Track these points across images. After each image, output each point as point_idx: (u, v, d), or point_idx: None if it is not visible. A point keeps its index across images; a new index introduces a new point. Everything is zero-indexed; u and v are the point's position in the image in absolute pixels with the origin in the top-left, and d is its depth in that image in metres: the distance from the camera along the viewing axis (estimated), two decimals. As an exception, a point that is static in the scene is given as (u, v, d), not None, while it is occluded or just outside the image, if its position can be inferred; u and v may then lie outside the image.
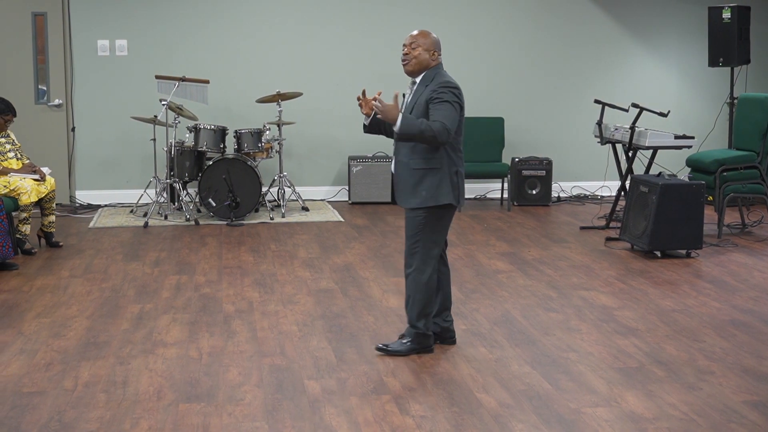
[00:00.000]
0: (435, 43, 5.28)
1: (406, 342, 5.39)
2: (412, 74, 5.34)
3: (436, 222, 5.30)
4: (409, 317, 5.40)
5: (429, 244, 5.30)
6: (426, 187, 5.22)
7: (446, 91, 5.16)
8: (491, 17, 11.19)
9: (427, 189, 5.22)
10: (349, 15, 10.95)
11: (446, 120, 5.09)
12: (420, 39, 5.26)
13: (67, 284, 7.05)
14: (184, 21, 10.70)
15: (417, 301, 5.33)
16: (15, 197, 7.93)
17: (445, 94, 5.15)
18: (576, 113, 11.36)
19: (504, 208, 10.62)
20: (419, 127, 5.07)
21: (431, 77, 5.27)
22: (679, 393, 4.81)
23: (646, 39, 11.51)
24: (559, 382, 4.97)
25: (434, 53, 5.28)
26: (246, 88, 10.68)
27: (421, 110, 5.20)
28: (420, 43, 5.26)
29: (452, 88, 5.18)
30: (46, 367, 5.19)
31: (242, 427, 4.37)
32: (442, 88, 5.17)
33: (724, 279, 7.24)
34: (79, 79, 10.63)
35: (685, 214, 7.86)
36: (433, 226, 5.29)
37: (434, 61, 5.29)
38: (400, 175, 5.33)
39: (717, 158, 8.91)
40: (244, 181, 9.50)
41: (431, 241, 5.30)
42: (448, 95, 5.16)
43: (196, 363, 5.25)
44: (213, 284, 7.05)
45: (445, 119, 5.09)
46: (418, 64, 5.28)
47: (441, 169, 5.21)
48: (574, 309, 6.39)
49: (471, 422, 4.43)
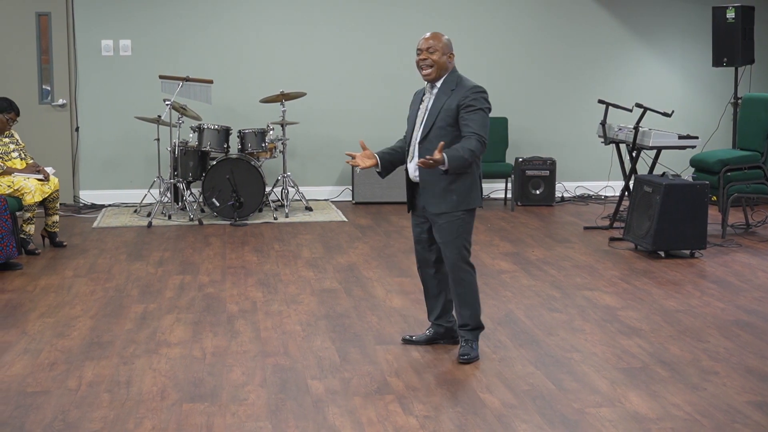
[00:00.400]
0: (449, 45, 5.25)
1: (474, 346, 5.34)
2: (432, 81, 5.26)
3: (469, 223, 5.30)
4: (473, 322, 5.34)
5: (466, 245, 5.31)
6: (458, 191, 5.18)
7: (478, 97, 5.14)
8: (495, 17, 11.19)
9: (458, 193, 5.19)
10: (353, 15, 10.95)
11: (481, 130, 5.08)
12: (436, 43, 5.20)
13: (71, 284, 7.06)
14: (188, 21, 10.71)
15: (473, 301, 5.35)
16: (19, 197, 7.94)
17: (477, 101, 5.13)
18: (580, 113, 11.36)
19: (507, 208, 10.61)
20: (464, 156, 5.02)
21: (454, 81, 5.22)
22: (682, 393, 4.81)
23: (649, 39, 11.50)
24: (562, 382, 4.97)
25: (450, 55, 5.25)
26: (250, 88, 10.68)
27: (451, 115, 5.14)
28: (437, 47, 5.20)
29: (482, 93, 5.16)
30: (50, 366, 5.19)
31: (246, 427, 4.37)
32: (473, 94, 5.14)
33: (728, 279, 7.23)
34: (83, 79, 10.64)
35: (689, 214, 7.85)
36: (467, 228, 5.30)
37: (451, 64, 5.26)
38: (426, 180, 5.24)
39: (721, 158, 8.90)
40: (247, 181, 9.51)
41: (467, 242, 5.31)
42: (480, 102, 5.14)
43: (200, 363, 5.26)
44: (217, 284, 7.05)
45: (479, 130, 5.08)
46: (438, 70, 5.22)
47: (472, 174, 5.21)
48: (577, 309, 6.39)
49: (474, 422, 4.43)
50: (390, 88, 10.97)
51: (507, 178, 10.71)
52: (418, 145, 5.25)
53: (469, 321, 5.34)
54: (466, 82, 5.22)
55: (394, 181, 10.59)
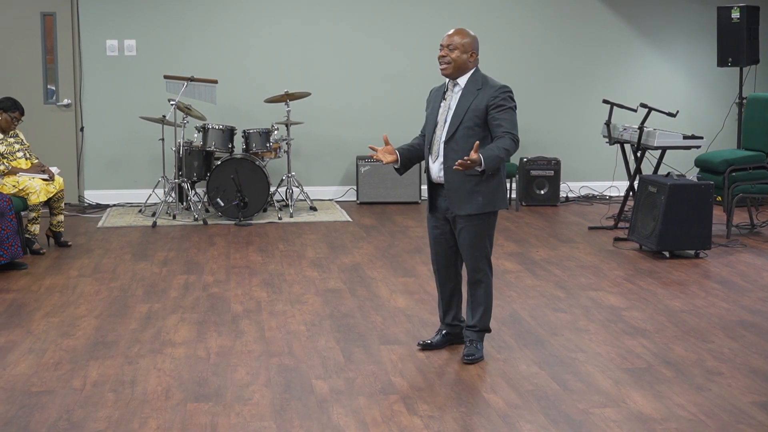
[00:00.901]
0: (472, 44, 5.17)
1: (480, 347, 5.35)
2: (450, 77, 5.20)
3: (493, 226, 5.28)
4: (481, 324, 5.35)
5: (490, 248, 5.29)
6: (483, 192, 5.14)
7: (507, 97, 5.12)
8: (499, 17, 11.18)
9: (483, 195, 5.14)
10: (358, 15, 10.95)
11: (513, 129, 5.07)
12: (457, 39, 5.14)
13: (75, 284, 7.06)
14: (193, 21, 10.72)
15: (490, 305, 5.36)
16: (24, 197, 7.95)
17: (506, 100, 5.11)
18: (584, 113, 11.35)
19: (512, 208, 10.61)
20: (500, 156, 5.00)
21: (479, 80, 5.17)
22: (687, 394, 4.80)
23: (654, 39, 11.49)
24: (567, 382, 4.97)
25: (472, 54, 5.16)
26: (254, 88, 10.69)
27: (480, 116, 5.09)
28: (457, 44, 5.14)
29: (510, 92, 5.15)
30: (55, 366, 5.20)
31: (250, 427, 4.37)
32: (502, 94, 5.11)
33: (732, 279, 7.22)
34: (88, 79, 10.65)
35: (694, 214, 7.84)
36: (491, 230, 5.28)
37: (473, 63, 5.19)
38: (452, 182, 5.17)
39: (726, 158, 8.89)
40: (252, 180, 9.51)
41: (490, 244, 5.29)
42: (509, 101, 5.12)
43: (204, 363, 5.26)
44: (221, 284, 7.06)
45: (512, 129, 5.06)
46: (456, 68, 5.16)
47: (497, 175, 5.16)
48: (582, 309, 6.38)
49: (479, 422, 4.43)
50: (395, 88, 10.97)
51: (511, 178, 10.69)
52: (444, 145, 5.17)
53: (478, 323, 5.34)
54: (492, 81, 5.17)
55: (399, 181, 10.65)
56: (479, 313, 5.32)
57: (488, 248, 5.28)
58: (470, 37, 5.18)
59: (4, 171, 7.96)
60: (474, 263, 5.26)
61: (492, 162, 4.97)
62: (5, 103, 8.10)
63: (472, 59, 5.18)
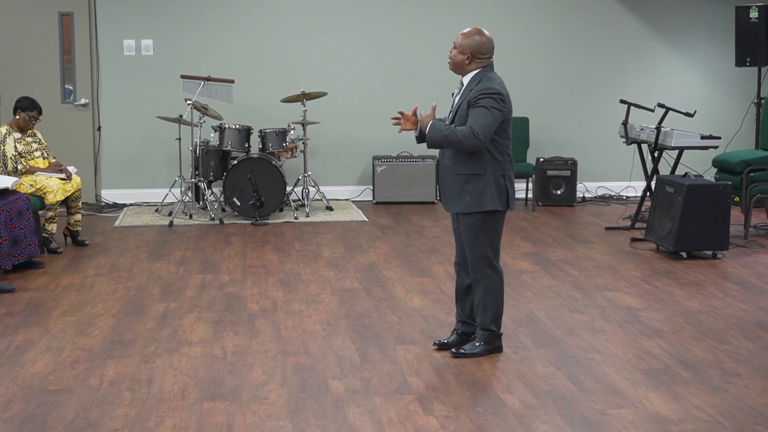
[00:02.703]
0: (470, 47, 5.20)
1: (479, 344, 5.39)
2: (454, 72, 5.33)
3: (491, 226, 5.28)
4: (480, 321, 5.37)
5: (487, 248, 5.29)
6: (470, 192, 5.20)
7: (485, 96, 5.11)
8: (516, 18, 11.16)
9: (471, 194, 5.20)
10: (374, 14, 10.95)
11: (476, 124, 5.07)
12: (459, 40, 5.24)
13: (92, 283, 7.09)
14: (210, 21, 10.74)
15: (490, 304, 5.34)
16: (41, 196, 7.99)
17: (483, 99, 5.11)
18: (601, 113, 11.32)
19: (528, 208, 10.59)
20: (443, 133, 5.09)
21: (477, 80, 5.20)
22: (704, 395, 4.78)
23: (672, 39, 11.45)
24: (583, 383, 4.95)
25: (468, 57, 5.20)
26: (271, 88, 10.70)
27: (464, 113, 5.17)
28: (458, 44, 5.24)
29: (492, 94, 5.11)
30: (72, 365, 5.22)
31: (266, 426, 4.38)
32: (481, 94, 5.12)
33: (750, 280, 7.19)
34: (105, 78, 10.69)
35: (711, 214, 7.81)
36: (488, 231, 5.28)
37: (470, 65, 5.22)
38: (444, 180, 5.33)
39: (744, 159, 8.85)
40: (268, 180, 9.53)
41: (489, 245, 5.29)
42: (486, 101, 5.10)
43: (221, 362, 5.27)
44: (237, 283, 7.07)
45: (474, 123, 5.07)
46: (453, 66, 5.28)
47: (485, 175, 5.20)
48: (598, 310, 6.37)
49: (495, 423, 4.42)
50: (411, 88, 10.97)
51: (528, 178, 10.68)
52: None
53: (478, 320, 5.39)
54: (486, 82, 5.17)
55: (415, 181, 10.65)
56: (479, 312, 5.36)
57: (485, 249, 5.28)
58: (471, 39, 5.21)
59: (21, 170, 8.00)
60: (472, 262, 5.31)
61: (432, 133, 5.10)
62: (23, 103, 8.14)
63: (470, 61, 5.22)
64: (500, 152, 5.22)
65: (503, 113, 5.15)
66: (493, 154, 5.20)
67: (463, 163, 5.20)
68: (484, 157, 5.17)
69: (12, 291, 6.78)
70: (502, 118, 5.15)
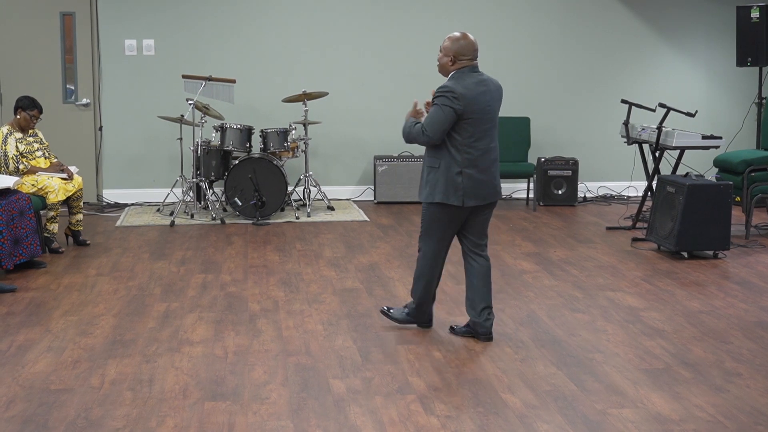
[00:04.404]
0: (454, 48, 5.43)
1: (405, 311, 5.92)
2: (442, 75, 5.55)
3: (438, 217, 5.56)
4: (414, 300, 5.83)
5: (430, 234, 5.62)
6: (430, 183, 5.51)
7: (439, 95, 5.38)
8: (517, 18, 11.16)
9: (429, 185, 5.52)
10: (375, 15, 10.95)
11: (426, 122, 5.39)
12: (444, 43, 5.49)
13: (94, 282, 7.09)
14: (211, 21, 10.75)
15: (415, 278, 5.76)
16: (43, 196, 7.99)
17: (437, 98, 5.38)
18: (602, 113, 11.32)
19: (530, 208, 10.59)
20: (407, 130, 5.51)
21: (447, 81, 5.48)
22: (705, 395, 4.78)
23: (673, 38, 11.45)
24: (584, 383, 4.95)
25: (452, 59, 5.44)
26: (272, 88, 10.71)
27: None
28: (443, 47, 5.49)
29: (445, 92, 5.36)
30: (74, 364, 5.22)
31: (267, 426, 4.38)
32: (437, 92, 5.40)
33: (751, 280, 7.19)
34: (107, 78, 10.70)
35: (713, 214, 7.81)
36: (435, 221, 5.57)
37: (453, 66, 5.45)
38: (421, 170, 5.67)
39: (745, 158, 8.84)
40: (269, 180, 9.53)
41: (432, 232, 5.61)
42: (438, 99, 5.37)
43: (222, 361, 5.27)
44: (239, 283, 7.07)
45: (425, 121, 5.41)
46: (441, 68, 5.53)
47: (438, 169, 5.47)
48: (600, 310, 6.37)
49: (496, 422, 4.42)
50: (412, 88, 10.95)
51: (529, 178, 10.68)
52: None
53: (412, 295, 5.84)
54: (447, 82, 5.44)
55: (416, 181, 10.65)
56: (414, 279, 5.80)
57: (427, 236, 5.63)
58: (456, 42, 5.45)
59: (23, 170, 8.00)
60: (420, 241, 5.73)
61: (403, 128, 5.53)
62: (24, 102, 8.14)
63: (453, 61, 5.45)
64: (458, 150, 5.42)
65: (456, 110, 5.33)
66: (450, 150, 5.42)
67: (429, 155, 5.54)
68: (442, 152, 5.44)
69: (14, 291, 6.78)
70: (457, 116, 5.34)
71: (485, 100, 5.38)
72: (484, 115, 5.39)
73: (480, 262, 5.68)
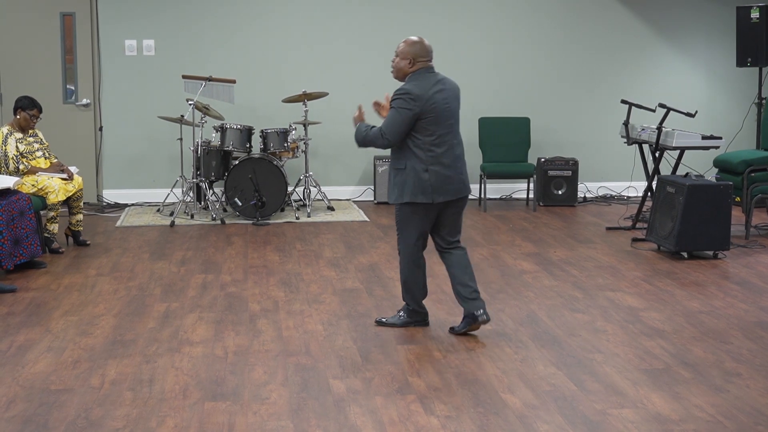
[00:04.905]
0: (411, 52, 5.62)
1: (400, 316, 5.95)
2: (397, 80, 5.73)
3: (410, 217, 5.69)
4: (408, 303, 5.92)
5: (406, 240, 5.74)
6: (398, 185, 5.65)
7: (396, 97, 5.55)
8: (517, 18, 11.16)
9: (397, 186, 5.66)
10: (375, 15, 10.96)
11: (384, 125, 5.54)
12: (401, 47, 5.66)
13: (94, 283, 7.10)
14: (211, 21, 10.75)
15: (404, 281, 5.85)
16: (43, 196, 7.99)
17: (394, 101, 5.56)
18: (602, 113, 11.32)
19: (530, 208, 10.60)
20: (362, 134, 5.67)
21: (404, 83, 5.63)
22: (705, 395, 4.78)
23: (673, 39, 11.45)
24: (584, 383, 4.96)
25: (410, 61, 5.62)
26: (272, 88, 10.71)
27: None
28: (399, 51, 5.66)
29: (402, 95, 5.52)
30: (74, 364, 5.23)
31: (267, 426, 4.38)
32: (394, 95, 5.57)
33: (751, 280, 7.19)
34: (107, 78, 10.70)
35: (713, 215, 7.81)
36: (409, 221, 5.70)
37: (412, 68, 5.62)
38: (389, 174, 5.85)
39: (745, 159, 8.85)
40: (269, 180, 9.53)
41: (408, 236, 5.73)
42: (395, 102, 5.54)
43: (222, 362, 5.28)
44: (239, 283, 7.08)
45: (384, 124, 5.55)
46: (397, 72, 5.71)
47: (405, 170, 5.61)
48: (599, 310, 6.37)
49: (496, 423, 4.43)
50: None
51: (529, 178, 10.69)
52: None
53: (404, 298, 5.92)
54: (405, 84, 5.60)
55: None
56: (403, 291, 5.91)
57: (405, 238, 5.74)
58: (413, 45, 5.64)
59: (23, 170, 8.00)
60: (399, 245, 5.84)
61: (356, 134, 5.69)
62: (23, 102, 8.15)
63: (411, 65, 5.62)
64: (422, 149, 5.57)
65: (413, 112, 5.50)
66: (414, 151, 5.57)
67: (394, 158, 5.70)
68: (406, 153, 5.59)
69: (14, 291, 6.78)
70: (415, 117, 5.51)
71: (443, 99, 5.57)
72: (443, 114, 5.58)
73: (455, 253, 5.82)
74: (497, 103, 11.11)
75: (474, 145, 10.89)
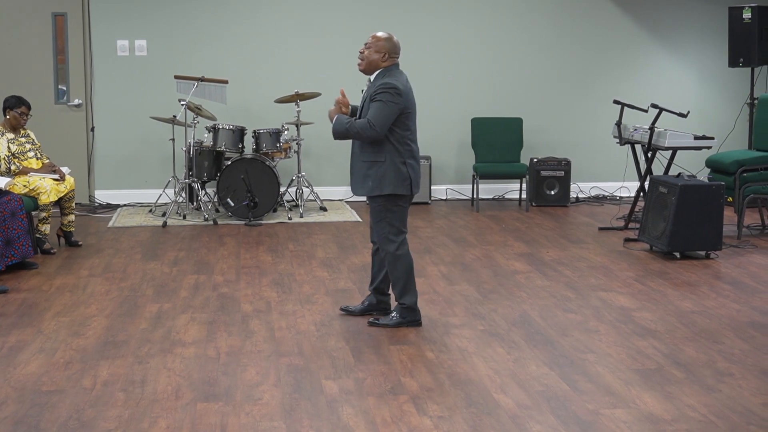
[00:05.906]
0: (387, 47, 5.75)
1: (394, 316, 5.95)
2: (364, 72, 5.85)
3: (392, 209, 5.79)
4: (395, 295, 5.94)
5: (390, 228, 5.82)
6: (372, 177, 5.74)
7: (382, 91, 5.64)
8: (509, 18, 11.17)
9: (372, 179, 5.74)
10: (368, 15, 10.95)
11: (372, 117, 5.62)
12: (373, 41, 5.77)
13: (86, 283, 7.08)
14: (204, 21, 10.73)
15: (397, 280, 5.88)
16: (35, 197, 7.97)
17: (380, 94, 5.64)
18: (595, 114, 11.33)
19: (522, 208, 10.60)
20: (345, 126, 5.70)
21: (381, 77, 5.74)
22: (697, 395, 4.79)
23: (665, 39, 11.47)
24: (577, 383, 4.96)
25: (385, 55, 5.75)
26: (265, 88, 10.70)
27: (367, 107, 5.72)
28: (372, 44, 5.78)
29: (389, 89, 5.64)
30: (65, 365, 5.21)
31: (260, 427, 4.37)
32: (380, 88, 5.65)
33: (743, 280, 7.20)
34: (99, 79, 10.68)
35: (705, 215, 7.82)
36: (391, 213, 5.80)
37: (384, 63, 5.76)
38: (353, 166, 5.89)
39: (737, 159, 8.86)
40: (262, 181, 9.52)
41: (391, 225, 5.82)
42: (382, 95, 5.63)
43: (214, 362, 5.27)
44: (231, 284, 7.07)
45: (371, 116, 5.62)
46: (368, 64, 5.80)
47: (384, 162, 5.71)
48: (592, 310, 6.37)
49: (488, 423, 4.43)
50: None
51: (522, 178, 10.69)
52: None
53: (398, 299, 5.92)
54: (387, 78, 5.70)
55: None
56: (396, 291, 5.91)
57: (390, 231, 5.81)
58: (386, 41, 5.79)
59: (15, 171, 7.98)
60: (379, 242, 5.90)
61: (336, 126, 5.72)
62: (10, 101, 8.13)
63: (385, 59, 5.76)
64: (400, 142, 5.73)
65: (399, 106, 5.66)
66: (393, 144, 5.71)
67: (367, 151, 5.75)
68: (385, 146, 5.69)
69: (5, 292, 6.77)
70: (399, 111, 5.67)
71: (413, 96, 5.79)
72: (414, 110, 5.79)
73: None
74: (490, 103, 11.11)
75: (467, 146, 10.90)
